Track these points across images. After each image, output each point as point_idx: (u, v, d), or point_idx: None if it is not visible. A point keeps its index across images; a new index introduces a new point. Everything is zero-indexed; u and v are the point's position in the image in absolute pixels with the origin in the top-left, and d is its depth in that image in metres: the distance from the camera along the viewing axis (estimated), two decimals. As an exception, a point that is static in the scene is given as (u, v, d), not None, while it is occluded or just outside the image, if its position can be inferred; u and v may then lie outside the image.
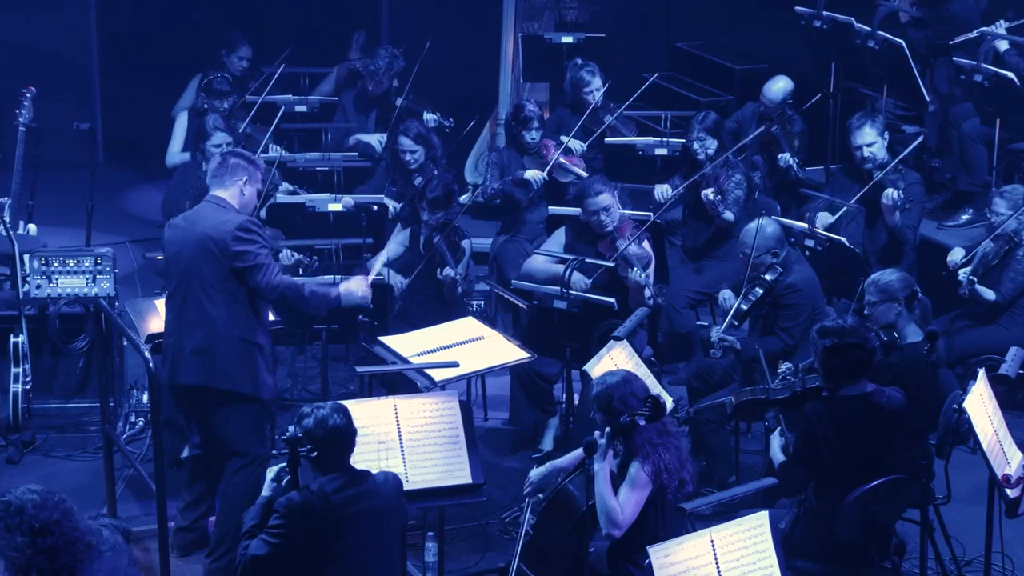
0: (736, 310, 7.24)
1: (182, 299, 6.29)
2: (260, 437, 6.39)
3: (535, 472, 6.15)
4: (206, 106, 9.48)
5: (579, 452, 6.02)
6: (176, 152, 9.74)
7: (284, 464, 5.22)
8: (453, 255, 7.91)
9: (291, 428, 5.20)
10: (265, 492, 5.27)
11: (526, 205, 9.03)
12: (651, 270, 7.72)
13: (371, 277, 6.71)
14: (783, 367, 6.53)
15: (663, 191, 8.78)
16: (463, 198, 8.51)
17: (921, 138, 9.41)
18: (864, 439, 5.91)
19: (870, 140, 8.45)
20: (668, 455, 5.69)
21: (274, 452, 5.33)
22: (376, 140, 9.79)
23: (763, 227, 7.31)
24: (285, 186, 8.82)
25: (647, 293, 7.49)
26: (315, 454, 5.17)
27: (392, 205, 8.94)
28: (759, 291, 7.23)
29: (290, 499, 5.12)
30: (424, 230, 8.11)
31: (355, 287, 6.49)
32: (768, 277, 7.22)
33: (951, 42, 9.28)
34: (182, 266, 6.29)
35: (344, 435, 5.23)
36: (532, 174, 8.96)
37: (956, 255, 8.18)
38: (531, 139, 9.09)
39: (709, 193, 8.43)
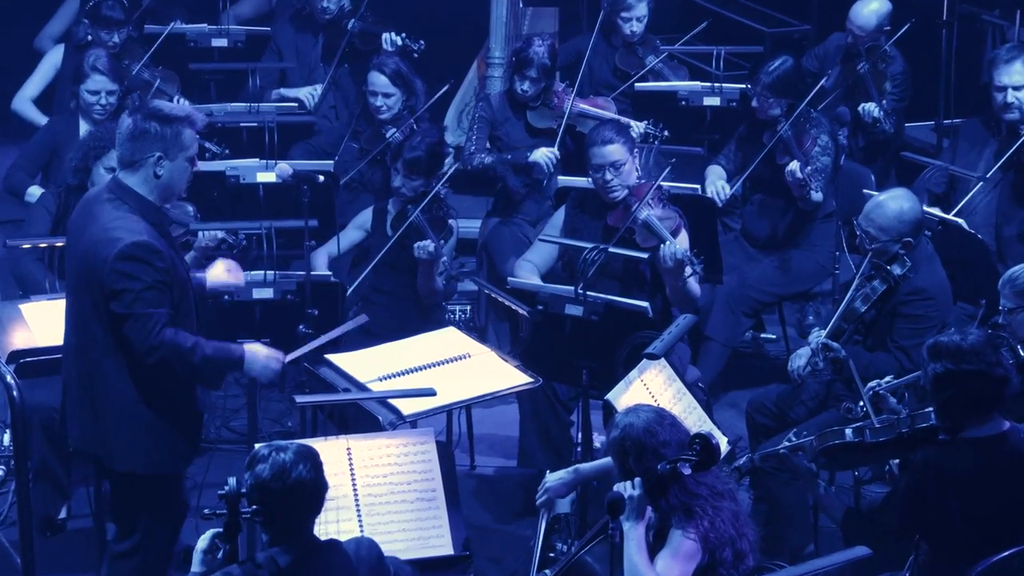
0: (846, 309, 7.20)
1: (72, 322, 6.14)
2: (161, 515, 6.25)
3: (553, 477, 6.18)
4: (90, 37, 9.48)
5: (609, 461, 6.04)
6: (26, 97, 9.73)
7: (219, 530, 5.21)
8: (437, 233, 7.93)
9: (231, 480, 5.18)
10: (195, 569, 5.24)
11: (523, 196, 8.99)
12: (684, 239, 7.64)
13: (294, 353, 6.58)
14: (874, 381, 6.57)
15: (718, 188, 8.72)
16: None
17: None
18: (995, 496, 5.89)
19: (1020, 81, 8.42)
20: (717, 518, 5.68)
21: (205, 511, 5.31)
22: (306, 94, 9.75)
23: (898, 202, 7.25)
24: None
25: (688, 271, 7.46)
26: (260, 518, 5.16)
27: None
28: (879, 287, 7.23)
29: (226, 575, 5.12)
30: (395, 203, 8.14)
31: (261, 355, 6.21)
32: (895, 271, 7.20)
33: None
34: (70, 275, 6.15)
35: (310, 493, 5.22)
36: (541, 155, 8.87)
37: None
38: (521, 90, 9.08)
39: (796, 169, 8.35)
